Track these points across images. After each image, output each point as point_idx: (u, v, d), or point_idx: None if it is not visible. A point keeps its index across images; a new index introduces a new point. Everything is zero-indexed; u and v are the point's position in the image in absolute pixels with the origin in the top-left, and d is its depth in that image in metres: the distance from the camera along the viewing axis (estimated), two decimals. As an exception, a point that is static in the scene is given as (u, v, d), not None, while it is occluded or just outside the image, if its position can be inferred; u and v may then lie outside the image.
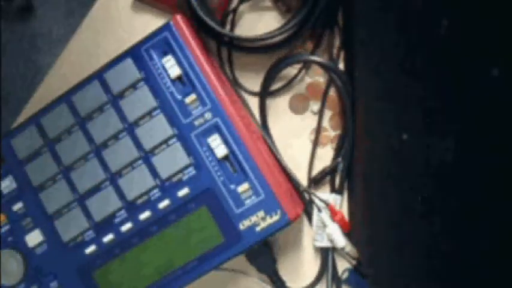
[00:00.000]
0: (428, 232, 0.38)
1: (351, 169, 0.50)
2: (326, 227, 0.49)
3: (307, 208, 0.50)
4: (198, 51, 0.46)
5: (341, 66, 0.51)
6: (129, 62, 0.47)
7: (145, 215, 0.46)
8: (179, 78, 0.46)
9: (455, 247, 0.35)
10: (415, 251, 0.40)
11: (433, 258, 0.38)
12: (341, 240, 0.49)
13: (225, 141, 0.45)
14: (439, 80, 0.35)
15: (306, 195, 0.51)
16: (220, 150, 0.45)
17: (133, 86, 0.47)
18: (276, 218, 0.45)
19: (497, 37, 0.30)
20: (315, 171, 0.51)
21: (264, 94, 0.51)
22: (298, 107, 0.52)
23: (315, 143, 0.51)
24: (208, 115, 0.46)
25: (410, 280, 0.41)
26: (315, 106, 0.52)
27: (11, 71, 0.56)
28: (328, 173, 0.51)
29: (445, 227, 0.36)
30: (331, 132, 0.51)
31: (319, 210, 0.50)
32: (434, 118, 0.36)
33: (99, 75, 0.47)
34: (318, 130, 0.51)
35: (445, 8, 0.34)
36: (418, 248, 0.40)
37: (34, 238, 0.48)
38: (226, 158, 0.45)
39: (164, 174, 0.46)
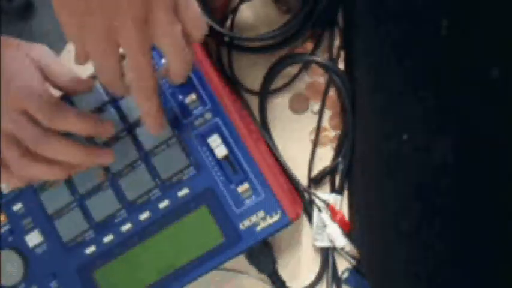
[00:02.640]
0: (428, 232, 0.38)
1: (351, 169, 0.50)
2: (326, 227, 0.49)
3: (307, 208, 0.50)
4: (197, 52, 0.46)
5: (341, 66, 0.51)
6: (129, 62, 0.47)
7: (145, 215, 0.46)
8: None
9: (456, 247, 0.35)
10: (415, 251, 0.40)
11: (433, 258, 0.38)
12: (341, 240, 0.49)
13: (225, 141, 0.45)
14: (439, 80, 0.35)
15: (306, 195, 0.51)
16: (220, 150, 0.45)
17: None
18: (276, 218, 0.45)
19: (497, 37, 0.30)
20: (315, 171, 0.51)
21: (264, 94, 0.51)
22: (298, 107, 0.52)
23: (315, 143, 0.51)
24: (208, 115, 0.46)
25: (410, 280, 0.41)
26: (315, 106, 0.52)
27: (11, 71, 0.56)
28: (328, 173, 0.51)
29: (445, 227, 0.36)
30: (331, 132, 0.51)
31: (319, 210, 0.50)
32: (434, 118, 0.36)
33: (99, 75, 0.47)
34: (318, 130, 0.51)
35: (445, 8, 0.34)
36: (418, 248, 0.40)
37: (34, 238, 0.48)
38: (226, 158, 0.45)
39: (164, 174, 0.46)
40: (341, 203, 0.50)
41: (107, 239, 0.47)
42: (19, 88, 0.41)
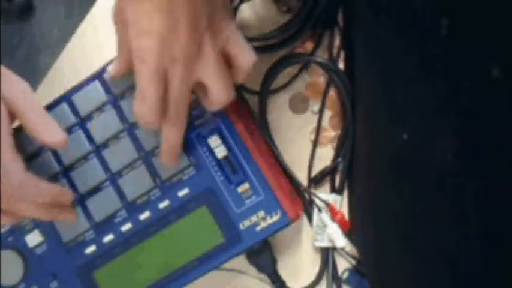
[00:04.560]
0: (429, 233, 0.38)
1: (351, 169, 0.50)
2: (326, 227, 0.49)
3: (307, 208, 0.50)
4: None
5: (341, 66, 0.51)
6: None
7: (145, 215, 0.46)
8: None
9: (457, 248, 0.35)
10: (416, 251, 0.40)
11: (433, 259, 0.38)
12: (341, 240, 0.49)
13: (225, 142, 0.45)
14: (439, 80, 0.35)
15: (306, 195, 0.51)
16: (221, 151, 0.45)
17: (134, 87, 0.46)
18: (276, 218, 0.45)
19: (497, 37, 0.30)
20: (315, 171, 0.51)
21: (264, 94, 0.51)
22: (298, 107, 0.52)
23: (315, 143, 0.51)
24: (208, 115, 0.46)
25: (410, 280, 0.41)
26: (315, 106, 0.52)
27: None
28: (328, 173, 0.51)
29: (446, 228, 0.36)
30: (331, 132, 0.51)
31: (319, 210, 0.50)
32: (435, 118, 0.36)
33: (99, 75, 0.47)
34: (318, 130, 0.51)
35: (445, 8, 0.34)
36: (418, 249, 0.40)
37: (34, 238, 0.48)
38: (226, 158, 0.45)
39: (164, 174, 0.46)
40: (341, 203, 0.50)
41: (107, 239, 0.47)
42: None
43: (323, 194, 0.50)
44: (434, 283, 0.38)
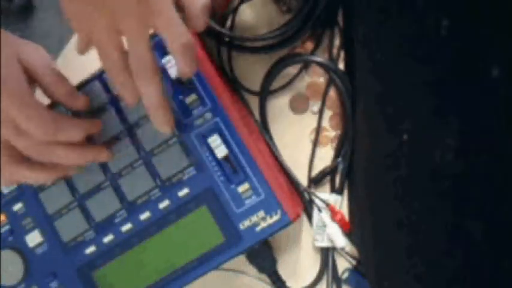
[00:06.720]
0: (429, 233, 0.38)
1: (351, 169, 0.50)
2: (326, 227, 0.49)
3: (307, 208, 0.50)
4: (197, 52, 0.46)
5: (341, 66, 0.51)
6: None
7: (145, 215, 0.46)
8: (179, 78, 0.46)
9: (458, 248, 0.35)
10: (415, 251, 0.40)
11: (433, 260, 0.38)
12: (341, 240, 0.49)
13: (225, 142, 0.45)
14: (439, 80, 0.35)
15: (306, 195, 0.51)
16: (221, 151, 0.45)
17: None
18: (276, 218, 0.45)
19: (497, 37, 0.30)
20: (315, 171, 0.51)
21: (264, 94, 0.51)
22: (298, 107, 0.52)
23: (315, 143, 0.51)
24: (208, 115, 0.46)
25: (410, 280, 0.41)
26: (315, 106, 0.52)
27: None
28: (328, 173, 0.51)
29: (446, 228, 0.36)
30: (331, 132, 0.51)
31: (319, 210, 0.50)
32: (435, 118, 0.36)
33: (99, 76, 0.47)
34: (318, 130, 0.51)
35: (445, 7, 0.34)
36: (418, 249, 0.40)
37: (34, 238, 0.48)
38: (226, 158, 0.45)
39: (164, 174, 0.46)
40: (341, 203, 0.50)
41: (107, 239, 0.47)
42: (8, 100, 0.40)
43: (323, 194, 0.50)
44: (435, 283, 0.38)
